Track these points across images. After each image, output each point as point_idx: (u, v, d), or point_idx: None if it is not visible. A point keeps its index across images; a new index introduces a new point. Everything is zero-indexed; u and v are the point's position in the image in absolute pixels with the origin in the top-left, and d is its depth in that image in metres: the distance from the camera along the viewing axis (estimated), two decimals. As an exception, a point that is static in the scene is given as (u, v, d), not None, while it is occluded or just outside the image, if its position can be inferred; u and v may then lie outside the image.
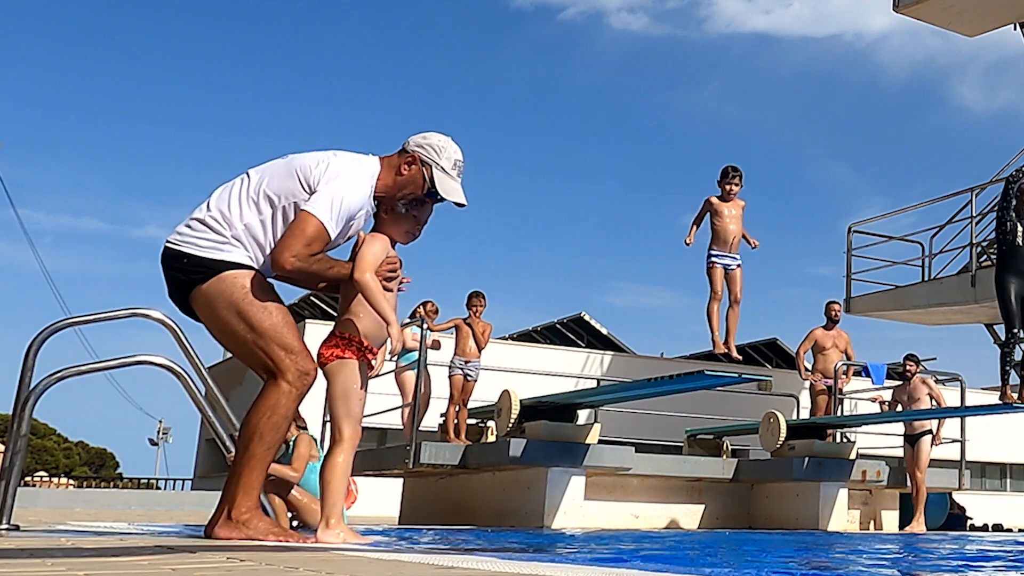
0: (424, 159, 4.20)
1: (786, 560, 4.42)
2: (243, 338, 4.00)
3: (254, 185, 4.08)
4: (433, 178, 4.19)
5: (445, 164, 4.22)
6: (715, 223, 10.08)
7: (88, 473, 57.46)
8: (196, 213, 4.09)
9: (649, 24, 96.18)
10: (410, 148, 4.24)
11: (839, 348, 12.73)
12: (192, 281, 4.01)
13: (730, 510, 10.92)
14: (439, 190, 4.20)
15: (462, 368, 10.90)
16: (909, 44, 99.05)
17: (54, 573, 2.45)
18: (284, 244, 3.94)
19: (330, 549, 3.64)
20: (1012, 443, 24.62)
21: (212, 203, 4.08)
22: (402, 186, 4.20)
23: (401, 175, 4.20)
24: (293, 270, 3.96)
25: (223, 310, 3.98)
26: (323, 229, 3.96)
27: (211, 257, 3.99)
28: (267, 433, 3.97)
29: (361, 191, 4.10)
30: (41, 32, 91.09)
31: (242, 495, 3.97)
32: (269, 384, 4.01)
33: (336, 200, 3.98)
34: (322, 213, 3.96)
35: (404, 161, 4.21)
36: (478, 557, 3.42)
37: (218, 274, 3.97)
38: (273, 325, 3.99)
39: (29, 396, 5.19)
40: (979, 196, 16.56)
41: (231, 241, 4.01)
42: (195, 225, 4.05)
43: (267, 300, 4.02)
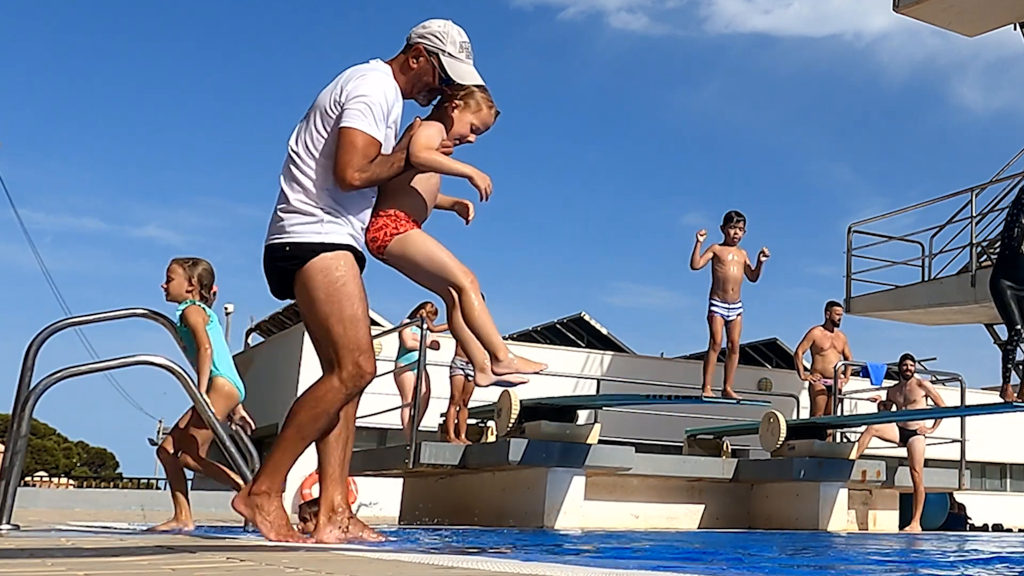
0: (429, 49, 4.19)
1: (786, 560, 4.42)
2: (324, 321, 4.00)
3: (303, 152, 4.07)
4: (443, 65, 4.19)
5: (451, 49, 4.21)
6: (716, 269, 10.16)
7: (88, 473, 57.47)
8: (280, 205, 4.08)
9: (649, 24, 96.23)
10: (412, 41, 4.22)
11: (837, 349, 12.71)
12: (295, 268, 4.02)
13: (730, 510, 10.92)
14: (452, 75, 4.20)
15: (462, 368, 10.90)
16: (909, 44, 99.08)
17: (54, 573, 2.46)
18: (342, 163, 3.93)
19: (330, 549, 3.65)
20: (1012, 443, 24.62)
21: (286, 191, 4.08)
22: (415, 79, 4.20)
23: (411, 69, 4.19)
24: (362, 182, 3.96)
25: (316, 290, 3.98)
26: (368, 136, 3.96)
27: (312, 241, 3.99)
28: (305, 423, 3.99)
29: (385, 86, 4.08)
30: (41, 32, 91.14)
31: (264, 475, 4.03)
32: (324, 376, 4.03)
33: (367, 106, 3.98)
34: (360, 122, 3.96)
35: (410, 56, 4.20)
36: (478, 557, 3.42)
37: (319, 255, 3.98)
38: (353, 316, 3.99)
39: (29, 396, 5.19)
40: (979, 196, 16.56)
41: (325, 220, 4.00)
42: (285, 216, 4.04)
43: (356, 291, 4.01)
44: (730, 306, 10.16)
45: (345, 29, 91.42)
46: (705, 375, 10.31)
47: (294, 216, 4.02)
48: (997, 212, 17.77)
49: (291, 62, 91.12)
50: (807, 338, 12.84)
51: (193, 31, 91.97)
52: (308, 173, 4.04)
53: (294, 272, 4.03)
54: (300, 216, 4.01)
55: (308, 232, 4.00)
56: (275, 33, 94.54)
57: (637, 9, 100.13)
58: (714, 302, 10.15)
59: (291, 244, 4.01)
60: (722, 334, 10.13)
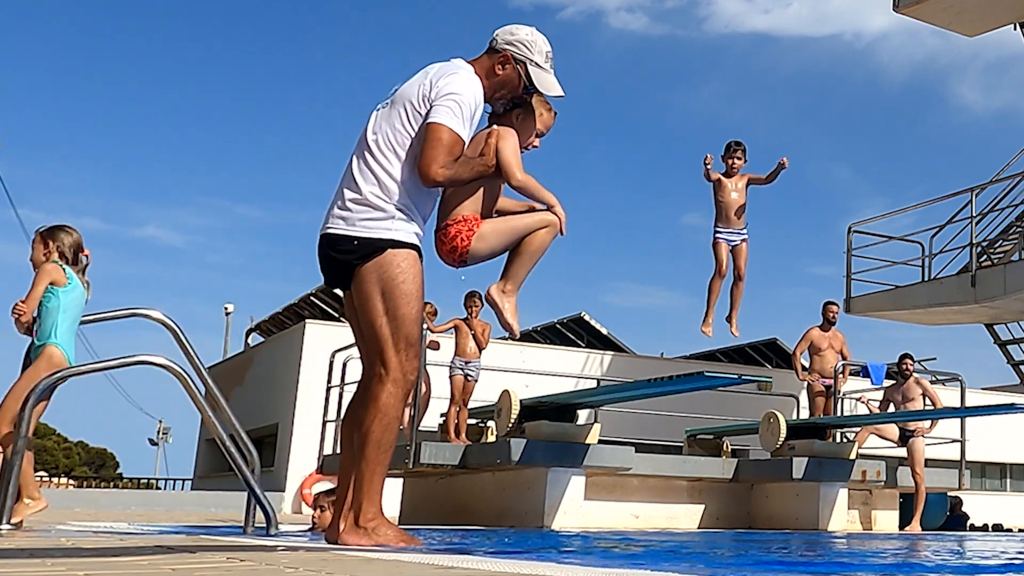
0: (517, 57, 4.18)
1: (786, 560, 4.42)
2: (377, 318, 3.98)
3: (383, 145, 4.05)
4: (529, 74, 4.18)
5: (539, 59, 4.20)
6: (719, 199, 10.00)
7: (88, 473, 57.43)
8: (348, 194, 4.04)
9: (648, 24, 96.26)
10: (500, 46, 4.21)
11: (835, 349, 12.69)
12: (359, 262, 4.00)
13: (730, 510, 10.92)
14: (537, 85, 4.19)
15: (462, 368, 10.91)
16: (909, 44, 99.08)
17: (54, 573, 2.46)
18: (428, 158, 3.91)
19: (330, 549, 3.65)
20: (1012, 443, 24.61)
21: (359, 181, 4.03)
22: (498, 87, 4.19)
23: (496, 75, 4.18)
24: (444, 180, 3.96)
25: (373, 285, 3.97)
26: (456, 135, 3.95)
27: (380, 237, 3.97)
28: (383, 437, 3.96)
29: (476, 88, 4.08)
30: (41, 32, 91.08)
31: (367, 502, 3.96)
32: (376, 385, 3.99)
33: (457, 104, 3.97)
34: (450, 120, 3.95)
35: (497, 61, 4.19)
36: (478, 557, 3.42)
37: (383, 251, 3.97)
38: (407, 315, 3.98)
39: (29, 396, 5.19)
40: (979, 196, 16.56)
41: (396, 217, 3.98)
42: (355, 207, 4.01)
43: (414, 288, 4.00)
44: (734, 231, 10.01)
45: (343, 29, 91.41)
46: (708, 304, 10.08)
47: (366, 209, 3.99)
48: (997, 212, 17.79)
49: (290, 62, 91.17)
50: (805, 338, 12.83)
51: (192, 31, 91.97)
52: (385, 166, 4.01)
53: (355, 265, 4.00)
54: (371, 210, 3.99)
55: (378, 228, 3.98)
56: (274, 33, 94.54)
57: (636, 9, 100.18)
58: (718, 229, 9.97)
59: (360, 239, 3.98)
60: (727, 260, 9.99)
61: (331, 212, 4.09)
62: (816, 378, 12.69)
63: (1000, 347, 19.24)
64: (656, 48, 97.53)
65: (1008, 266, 16.06)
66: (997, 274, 15.92)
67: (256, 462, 5.96)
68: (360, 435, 3.99)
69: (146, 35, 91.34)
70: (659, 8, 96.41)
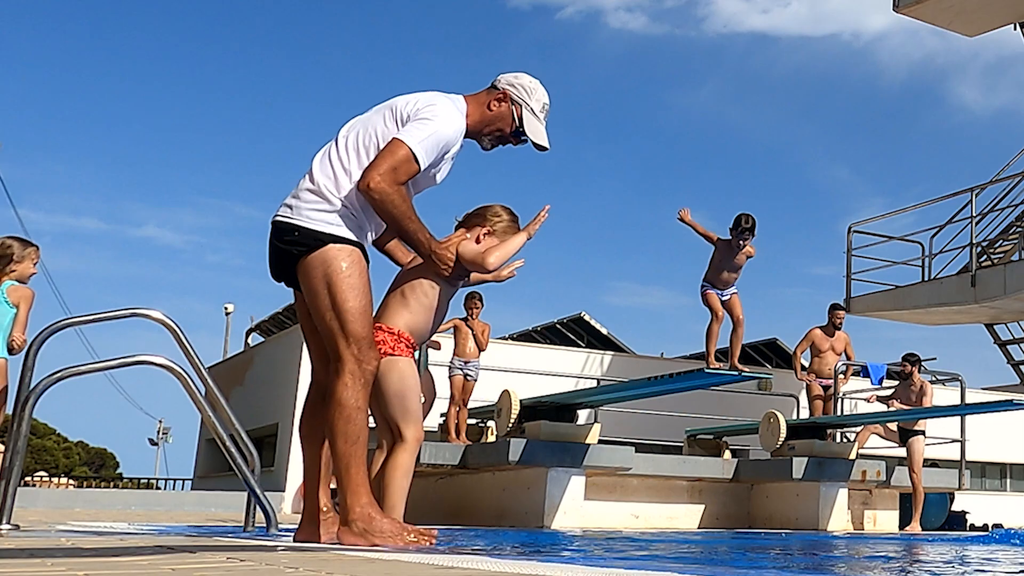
0: (515, 98, 4.21)
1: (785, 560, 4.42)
2: (324, 312, 3.95)
3: (351, 143, 4.05)
4: (522, 118, 4.20)
5: (535, 106, 4.23)
6: (717, 262, 10.20)
7: (88, 473, 57.42)
8: (303, 184, 4.04)
9: (647, 23, 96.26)
10: (501, 86, 4.24)
11: (836, 351, 12.66)
12: (300, 253, 3.98)
13: (730, 510, 10.92)
14: (526, 131, 4.21)
15: (462, 368, 10.91)
16: (908, 43, 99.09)
17: (54, 573, 2.45)
18: (371, 165, 3.91)
19: (330, 549, 3.65)
20: (1012, 443, 24.60)
21: (316, 172, 4.04)
22: (490, 122, 4.21)
23: (490, 111, 4.20)
24: (376, 190, 3.88)
25: (319, 280, 3.94)
26: (411, 155, 3.92)
27: (321, 230, 3.95)
28: (348, 429, 3.89)
29: (455, 125, 4.07)
30: (40, 33, 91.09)
31: (351, 498, 3.89)
32: (334, 380, 3.94)
33: (428, 131, 3.96)
34: (413, 140, 3.93)
35: (494, 98, 4.21)
36: (478, 557, 3.42)
37: (325, 245, 3.95)
38: (355, 307, 3.93)
39: (29, 396, 5.19)
40: (979, 196, 16.55)
41: (340, 211, 3.97)
42: (305, 196, 4.01)
43: (359, 283, 3.97)
44: (724, 291, 10.23)
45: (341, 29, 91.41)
46: (708, 351, 10.32)
47: (315, 200, 3.98)
48: (997, 212, 17.79)
49: (289, 62, 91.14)
50: (806, 338, 12.81)
51: (190, 31, 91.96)
52: (344, 162, 4.01)
53: (298, 257, 3.99)
54: (320, 201, 3.97)
55: (322, 220, 3.96)
56: (272, 33, 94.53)
57: (635, 8, 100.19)
58: (707, 285, 10.21)
59: (301, 228, 3.97)
60: (722, 309, 10.16)
61: (285, 200, 4.09)
62: (813, 378, 12.67)
63: (1000, 347, 19.22)
64: (655, 48, 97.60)
65: (1008, 266, 16.06)
66: (997, 274, 15.91)
67: (256, 462, 5.95)
68: (328, 434, 3.95)
69: (145, 35, 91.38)
70: (658, 7, 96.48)
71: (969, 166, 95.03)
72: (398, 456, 4.09)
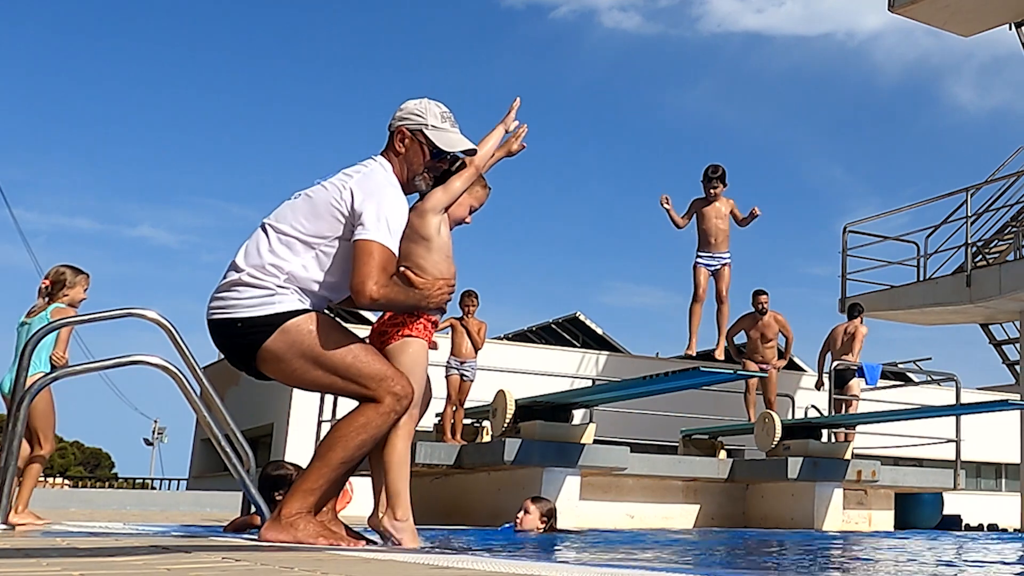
0: (411, 128, 4.13)
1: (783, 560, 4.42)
2: (328, 382, 3.89)
3: (282, 233, 3.95)
4: (430, 139, 4.12)
5: (433, 121, 4.14)
6: (700, 225, 10.18)
7: (83, 473, 57.35)
8: (229, 277, 3.95)
9: (641, 23, 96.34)
10: (394, 127, 4.16)
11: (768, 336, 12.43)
12: (254, 343, 3.88)
13: (725, 510, 10.93)
14: (441, 146, 4.13)
15: (458, 368, 10.90)
16: (902, 43, 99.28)
17: (49, 573, 2.45)
18: (362, 275, 3.79)
19: (326, 550, 3.64)
20: (1007, 443, 24.65)
21: (241, 262, 3.94)
22: (407, 164, 4.13)
23: (400, 153, 4.13)
24: (381, 298, 3.82)
25: (296, 360, 3.85)
26: (388, 251, 3.85)
27: (266, 313, 3.86)
28: (351, 448, 3.82)
29: (399, 200, 4.00)
30: (35, 33, 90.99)
31: (298, 497, 3.84)
32: (367, 403, 3.86)
33: (384, 219, 3.87)
34: (381, 236, 3.84)
35: (397, 141, 4.14)
36: (473, 557, 3.42)
37: (279, 327, 3.85)
38: (356, 359, 3.85)
39: (25, 395, 5.19)
40: (974, 196, 16.57)
41: (278, 292, 3.88)
42: (235, 289, 3.92)
43: (339, 336, 3.89)
44: (715, 255, 10.16)
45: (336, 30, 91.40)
46: (691, 332, 10.22)
47: (245, 289, 3.90)
48: (992, 212, 17.81)
49: (284, 63, 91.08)
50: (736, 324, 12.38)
51: (185, 31, 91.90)
52: (276, 250, 3.92)
53: (252, 348, 3.89)
54: (251, 289, 3.89)
55: (262, 305, 3.87)
56: (268, 34, 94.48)
57: (629, 8, 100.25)
58: (699, 255, 10.17)
59: (243, 320, 3.87)
60: (707, 286, 10.10)
61: (211, 297, 3.99)
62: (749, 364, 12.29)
63: (995, 347, 19.25)
64: (649, 47, 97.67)
65: (1003, 266, 16.08)
66: (992, 274, 15.93)
67: (252, 462, 5.95)
68: (330, 437, 3.88)
69: (140, 36, 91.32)
70: (652, 7, 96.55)
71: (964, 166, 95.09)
72: (394, 444, 3.96)
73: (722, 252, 10.17)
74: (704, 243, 10.19)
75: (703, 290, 10.11)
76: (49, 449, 7.03)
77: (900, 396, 16.13)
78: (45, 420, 6.97)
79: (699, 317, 10.23)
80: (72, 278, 7.14)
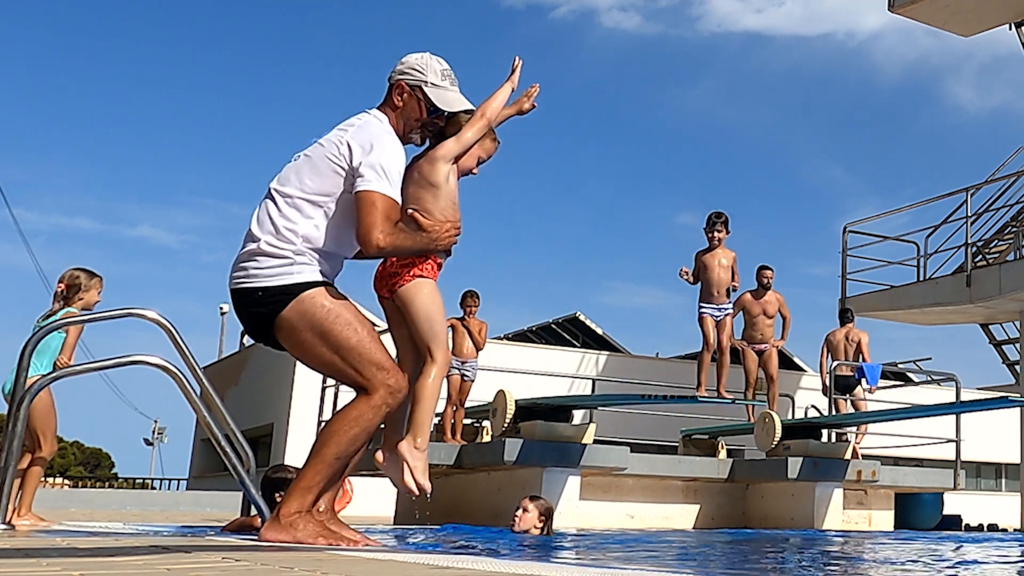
0: (411, 83, 4.13)
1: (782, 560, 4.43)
2: (330, 359, 3.91)
3: (288, 196, 3.98)
4: (429, 97, 4.13)
5: (433, 79, 4.14)
6: (703, 276, 10.32)
7: (83, 473, 57.37)
8: (247, 247, 3.98)
9: (641, 23, 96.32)
10: (394, 80, 4.16)
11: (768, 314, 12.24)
12: (272, 312, 3.92)
13: (725, 510, 10.93)
14: (439, 104, 4.14)
15: (459, 368, 10.90)
16: (902, 43, 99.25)
17: (49, 573, 2.45)
18: (367, 225, 3.84)
19: (325, 550, 3.65)
20: (1007, 443, 24.65)
21: (257, 231, 3.97)
22: (403, 118, 4.14)
23: (398, 108, 4.13)
24: (387, 246, 3.88)
25: (306, 332, 3.88)
26: (390, 200, 3.90)
27: (285, 283, 3.89)
28: (344, 442, 3.85)
29: (396, 148, 4.03)
30: (34, 33, 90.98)
31: (296, 496, 3.87)
32: (359, 397, 3.89)
33: (384, 169, 3.91)
34: (382, 186, 3.89)
35: (395, 95, 4.15)
36: (473, 557, 3.42)
37: (296, 297, 3.88)
38: (360, 342, 3.88)
39: (24, 395, 5.19)
40: (974, 196, 16.57)
41: (296, 260, 3.91)
42: (255, 259, 3.95)
43: (350, 316, 3.92)
44: (718, 307, 10.29)
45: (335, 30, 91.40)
46: (699, 375, 10.43)
47: (264, 259, 3.93)
48: (992, 212, 17.81)
49: (283, 62, 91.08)
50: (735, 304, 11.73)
51: (185, 31, 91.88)
52: (287, 214, 3.95)
53: (270, 317, 3.92)
54: (270, 259, 3.92)
55: (282, 274, 3.90)
56: (267, 33, 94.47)
57: (629, 8, 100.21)
58: (702, 305, 10.37)
59: (263, 289, 3.91)
60: (714, 335, 10.24)
61: (233, 267, 4.02)
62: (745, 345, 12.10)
63: (995, 347, 19.25)
64: (649, 47, 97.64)
65: (1003, 266, 16.08)
66: (992, 274, 15.93)
67: (252, 462, 5.95)
68: (323, 433, 3.90)
69: (140, 36, 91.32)
70: (652, 7, 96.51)
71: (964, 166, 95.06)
72: (426, 375, 4.03)
73: (725, 303, 10.37)
74: (707, 294, 10.38)
75: (712, 340, 10.32)
76: (50, 451, 7.03)
77: (900, 396, 16.11)
78: (45, 422, 6.98)
79: (708, 366, 10.52)
80: (86, 281, 7.21)
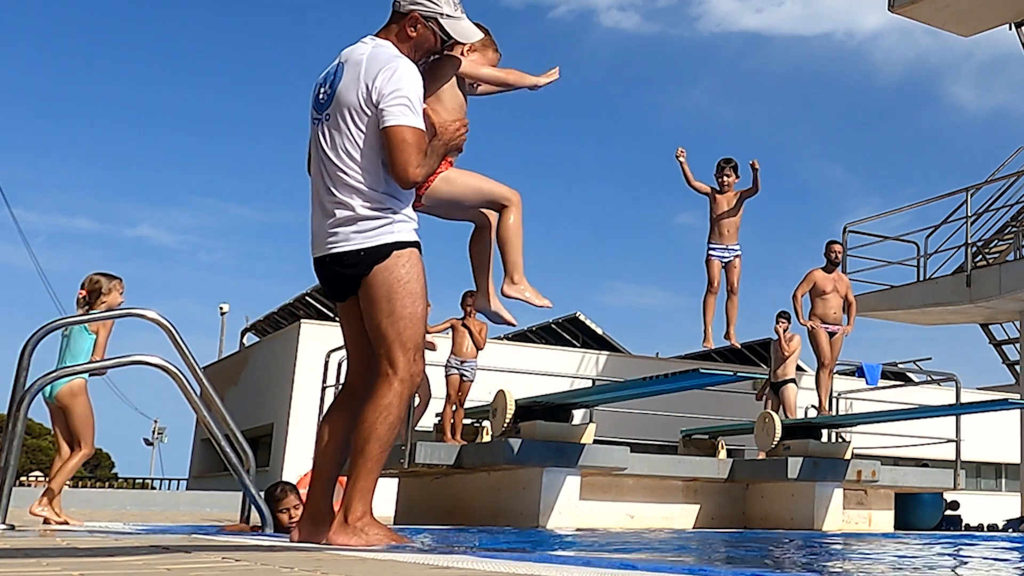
0: (425, 14, 4.10)
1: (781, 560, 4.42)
2: (383, 320, 3.95)
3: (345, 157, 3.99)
4: (444, 28, 4.12)
5: (447, 9, 4.13)
6: (713, 215, 10.17)
7: (83, 473, 57.29)
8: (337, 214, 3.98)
9: (640, 23, 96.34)
10: (405, 8, 4.11)
11: (840, 292, 12.12)
12: (361, 273, 3.97)
13: (725, 510, 10.92)
14: (456, 36, 4.15)
15: (458, 368, 10.90)
16: (902, 43, 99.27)
17: (49, 573, 2.45)
18: (402, 162, 3.89)
19: (325, 550, 3.65)
20: (1007, 443, 24.66)
21: (341, 196, 3.98)
22: (414, 48, 4.12)
23: (410, 39, 4.11)
24: (423, 178, 3.99)
25: (380, 288, 3.94)
26: (419, 131, 3.94)
27: (385, 242, 3.95)
28: (384, 434, 3.90)
29: (415, 76, 4.03)
30: (34, 33, 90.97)
31: (358, 501, 3.90)
32: (382, 383, 3.94)
33: (407, 100, 3.93)
34: (408, 119, 3.92)
35: (406, 25, 4.11)
36: (473, 557, 3.42)
37: (390, 255, 3.95)
38: (412, 314, 3.96)
39: (24, 396, 5.19)
40: (974, 196, 16.58)
41: (392, 219, 3.97)
42: (349, 223, 3.97)
43: (418, 288, 3.99)
44: (727, 247, 10.15)
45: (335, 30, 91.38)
46: (705, 322, 10.18)
47: (363, 222, 3.95)
48: (992, 212, 17.82)
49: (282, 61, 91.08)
50: (807, 280, 12.10)
51: (186, 32, 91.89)
52: (357, 176, 3.97)
53: (359, 277, 3.98)
54: (367, 221, 3.95)
55: (382, 234, 3.95)
56: (268, 34, 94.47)
57: (628, 7, 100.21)
58: (711, 245, 10.16)
59: (366, 250, 3.94)
60: (720, 277, 10.11)
61: (326, 234, 4.02)
62: (817, 323, 12.06)
63: (995, 347, 19.26)
64: (648, 47, 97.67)
65: (1003, 266, 16.09)
66: (992, 274, 15.94)
67: (251, 462, 5.96)
68: (362, 431, 3.91)
69: (140, 36, 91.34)
70: (651, 7, 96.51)
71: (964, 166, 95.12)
72: (506, 218, 4.30)
73: (733, 244, 10.18)
74: (716, 233, 10.17)
75: (717, 281, 10.11)
76: (89, 451, 7.32)
77: (900, 396, 16.12)
78: (84, 423, 7.26)
79: (713, 308, 10.21)
80: (107, 284, 7.36)
